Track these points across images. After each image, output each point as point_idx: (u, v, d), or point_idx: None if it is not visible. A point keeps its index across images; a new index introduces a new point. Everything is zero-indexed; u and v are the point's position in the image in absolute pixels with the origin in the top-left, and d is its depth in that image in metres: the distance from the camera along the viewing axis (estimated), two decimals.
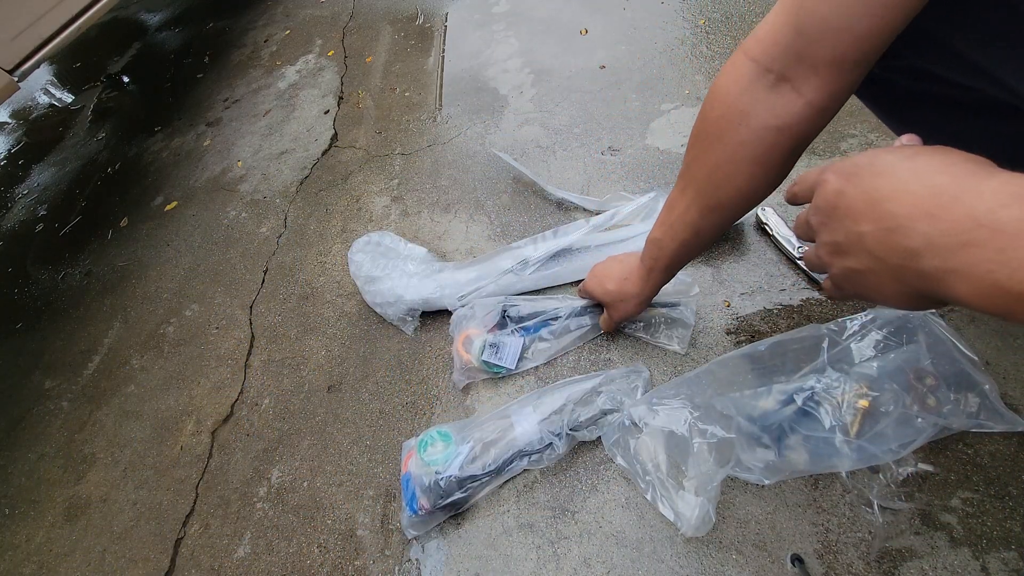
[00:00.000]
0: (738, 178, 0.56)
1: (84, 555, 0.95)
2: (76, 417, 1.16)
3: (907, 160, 0.35)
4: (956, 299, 0.32)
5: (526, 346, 0.90)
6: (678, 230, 0.65)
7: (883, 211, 0.34)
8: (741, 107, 0.52)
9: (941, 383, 0.65)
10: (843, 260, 0.38)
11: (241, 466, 0.96)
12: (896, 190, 0.34)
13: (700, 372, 0.76)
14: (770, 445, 0.68)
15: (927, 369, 0.66)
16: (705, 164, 0.58)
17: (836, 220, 0.38)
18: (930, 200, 0.32)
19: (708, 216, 0.61)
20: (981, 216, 0.30)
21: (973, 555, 0.61)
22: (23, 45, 1.42)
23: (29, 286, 1.55)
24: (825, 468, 0.66)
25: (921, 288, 0.34)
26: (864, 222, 0.35)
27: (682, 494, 0.70)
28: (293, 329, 1.12)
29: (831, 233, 0.39)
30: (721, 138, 0.55)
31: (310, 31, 2.02)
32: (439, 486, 0.76)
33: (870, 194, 0.35)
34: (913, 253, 0.33)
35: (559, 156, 1.21)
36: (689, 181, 0.61)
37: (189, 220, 1.49)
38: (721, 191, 0.58)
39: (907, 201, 0.33)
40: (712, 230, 0.63)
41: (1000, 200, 0.29)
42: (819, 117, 0.50)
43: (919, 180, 0.33)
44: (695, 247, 0.66)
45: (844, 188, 0.37)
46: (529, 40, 1.56)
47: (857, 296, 0.40)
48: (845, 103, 0.50)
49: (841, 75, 0.47)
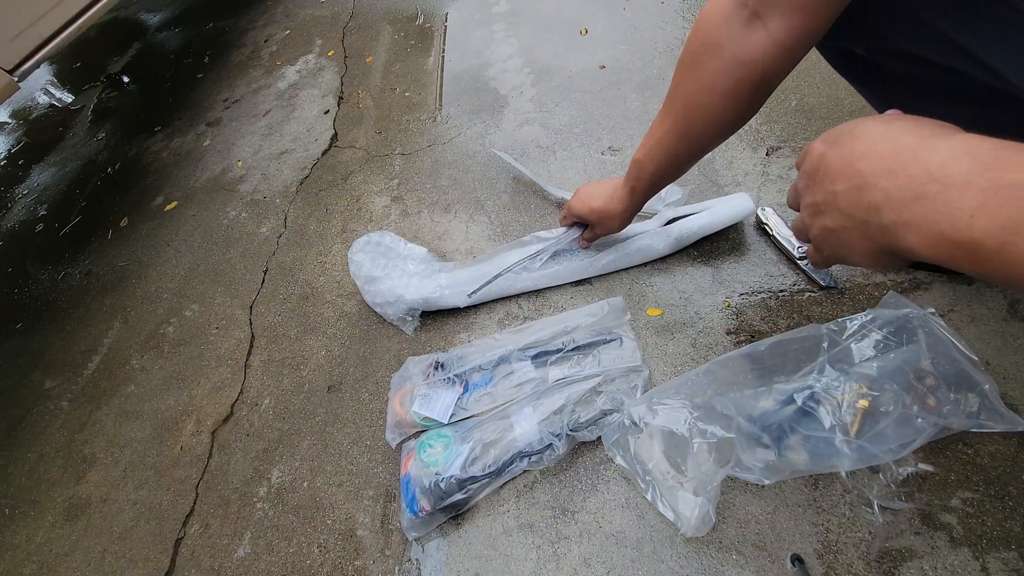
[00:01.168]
0: (710, 108, 0.59)
1: (84, 555, 0.95)
2: (76, 417, 1.16)
3: (883, 124, 0.36)
4: (909, 251, 0.33)
5: (463, 396, 0.87)
6: (657, 153, 0.70)
7: (854, 170, 0.36)
8: (717, 39, 0.55)
9: (941, 383, 0.65)
10: (820, 220, 0.40)
11: (241, 466, 0.96)
12: (868, 150, 0.36)
13: (700, 372, 0.76)
14: (770, 445, 0.68)
15: (927, 369, 0.66)
16: (682, 92, 0.62)
17: (816, 182, 0.40)
18: (893, 158, 0.34)
19: (683, 142, 0.66)
20: (934, 170, 0.31)
21: (973, 555, 0.61)
22: (23, 45, 1.42)
23: (29, 286, 1.55)
24: (825, 468, 0.66)
25: (883, 243, 0.35)
26: (839, 181, 0.37)
27: (682, 494, 0.70)
28: (293, 329, 1.12)
29: (812, 195, 0.41)
30: (697, 67, 0.58)
31: (310, 31, 2.02)
32: (439, 487, 0.76)
33: (846, 156, 0.37)
34: (875, 207, 0.34)
35: (559, 156, 1.21)
36: (669, 108, 0.66)
37: (189, 220, 1.49)
38: (695, 119, 0.62)
39: (874, 160, 0.35)
40: (688, 156, 0.68)
41: (953, 155, 0.31)
42: (784, 56, 0.53)
43: (888, 141, 0.35)
44: (673, 171, 0.72)
45: (826, 152, 0.39)
46: (529, 40, 1.56)
47: (834, 257, 0.42)
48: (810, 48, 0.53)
49: (807, 17, 0.49)
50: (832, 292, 0.84)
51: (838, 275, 0.86)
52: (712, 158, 1.08)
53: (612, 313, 0.90)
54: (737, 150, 1.08)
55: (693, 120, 0.62)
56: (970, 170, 0.30)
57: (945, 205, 0.30)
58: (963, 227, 0.30)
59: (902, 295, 0.74)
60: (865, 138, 0.36)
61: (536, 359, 0.88)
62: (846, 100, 1.09)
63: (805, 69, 1.17)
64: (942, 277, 0.80)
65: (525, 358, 0.88)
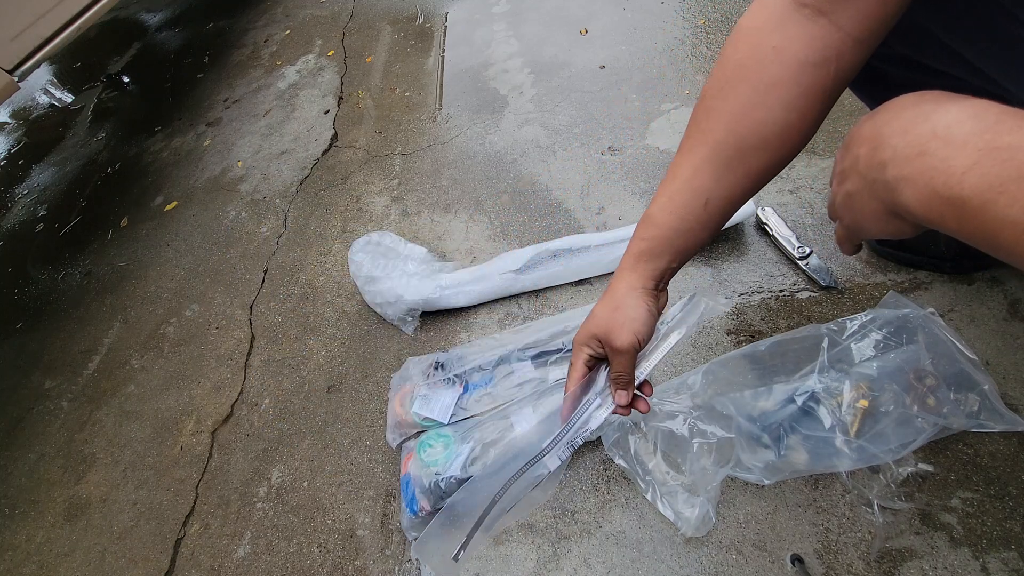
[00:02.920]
0: (771, 126, 0.49)
1: (84, 555, 0.95)
2: (76, 417, 1.16)
3: (917, 95, 0.37)
4: (904, 207, 0.34)
5: (463, 396, 0.86)
6: (682, 200, 0.52)
7: (871, 134, 0.37)
8: (773, 44, 0.47)
9: (941, 383, 0.65)
10: (844, 185, 0.40)
11: (241, 466, 0.96)
12: (893, 116, 0.36)
13: (700, 372, 0.76)
14: (770, 445, 0.68)
15: (927, 369, 0.66)
16: (724, 115, 0.50)
17: (847, 149, 0.40)
18: (910, 120, 0.34)
19: (725, 177, 0.51)
20: (940, 130, 0.32)
21: (973, 555, 0.61)
22: (23, 45, 1.42)
23: (29, 286, 1.55)
24: (825, 468, 0.66)
25: (887, 200, 0.36)
26: (864, 145, 0.38)
27: (682, 494, 0.70)
28: (293, 329, 1.12)
29: (841, 163, 0.41)
30: (748, 81, 0.49)
31: (310, 31, 2.02)
32: (439, 487, 0.76)
33: (876, 123, 0.37)
34: (883, 164, 0.35)
35: (559, 156, 1.21)
36: (699, 140, 0.52)
37: (189, 220, 1.49)
38: (746, 143, 0.49)
39: (895, 123, 0.35)
40: (725, 200, 0.52)
41: (960, 117, 0.32)
42: (859, 50, 0.46)
43: (914, 107, 0.35)
44: (699, 224, 0.53)
45: (863, 123, 0.39)
46: (529, 40, 1.56)
47: (853, 226, 0.42)
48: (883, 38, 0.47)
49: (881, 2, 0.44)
50: (832, 292, 0.84)
51: (838, 275, 0.86)
52: None
53: None
54: None
55: (744, 144, 0.49)
56: (972, 130, 0.30)
57: (942, 162, 0.31)
58: (954, 184, 0.30)
59: (902, 295, 0.74)
60: (896, 107, 0.37)
61: (536, 359, 0.87)
62: (846, 101, 1.09)
63: None
64: (942, 277, 0.80)
65: (525, 358, 0.88)
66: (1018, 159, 0.28)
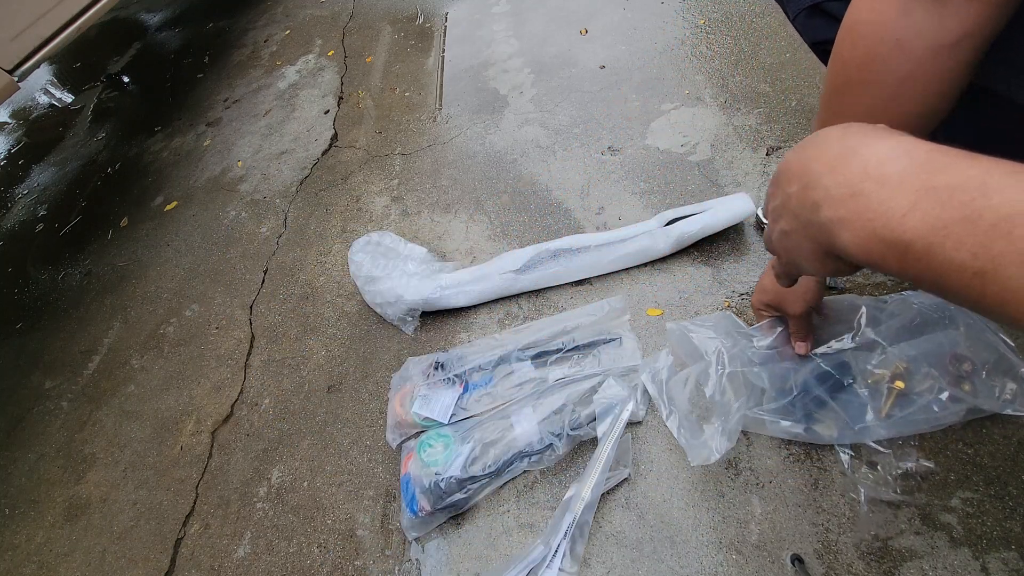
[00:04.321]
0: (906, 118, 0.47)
1: (84, 555, 0.95)
2: (76, 417, 1.16)
3: (840, 128, 0.36)
4: (843, 249, 0.33)
5: (463, 396, 0.87)
6: None
7: (802, 170, 0.36)
8: (898, 36, 0.44)
9: (978, 368, 0.65)
10: (778, 224, 0.39)
11: (241, 466, 0.96)
12: (820, 152, 0.36)
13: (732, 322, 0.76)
14: (798, 413, 0.69)
15: (964, 355, 0.66)
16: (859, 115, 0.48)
17: (778, 186, 0.39)
18: (837, 157, 0.34)
19: None
20: (871, 168, 0.31)
21: (973, 555, 0.61)
22: (23, 45, 1.42)
23: (29, 286, 1.55)
24: (852, 439, 0.67)
25: (823, 242, 0.35)
26: (793, 183, 0.37)
27: (701, 426, 0.71)
28: (293, 329, 1.12)
29: (773, 200, 0.40)
30: (876, 80, 0.47)
31: (310, 31, 2.02)
32: (439, 487, 0.76)
33: (802, 158, 0.37)
34: (816, 205, 0.34)
35: (559, 156, 1.21)
36: None
37: (189, 220, 1.49)
38: None
39: (822, 159, 0.35)
40: None
41: (891, 155, 0.31)
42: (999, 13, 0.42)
43: (840, 142, 0.35)
44: None
45: (790, 157, 0.39)
46: (529, 40, 1.56)
47: (790, 265, 0.41)
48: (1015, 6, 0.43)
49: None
50: (832, 291, 0.84)
51: None
52: (712, 158, 1.08)
53: (612, 313, 0.90)
54: (737, 150, 1.08)
55: None
56: (906, 170, 0.30)
57: (879, 203, 0.30)
58: (895, 226, 0.29)
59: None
60: (821, 141, 0.36)
61: (536, 359, 0.88)
62: None
63: (805, 69, 1.17)
64: None
65: (525, 358, 0.88)
66: (957, 199, 0.27)
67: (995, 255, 0.26)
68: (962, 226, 0.27)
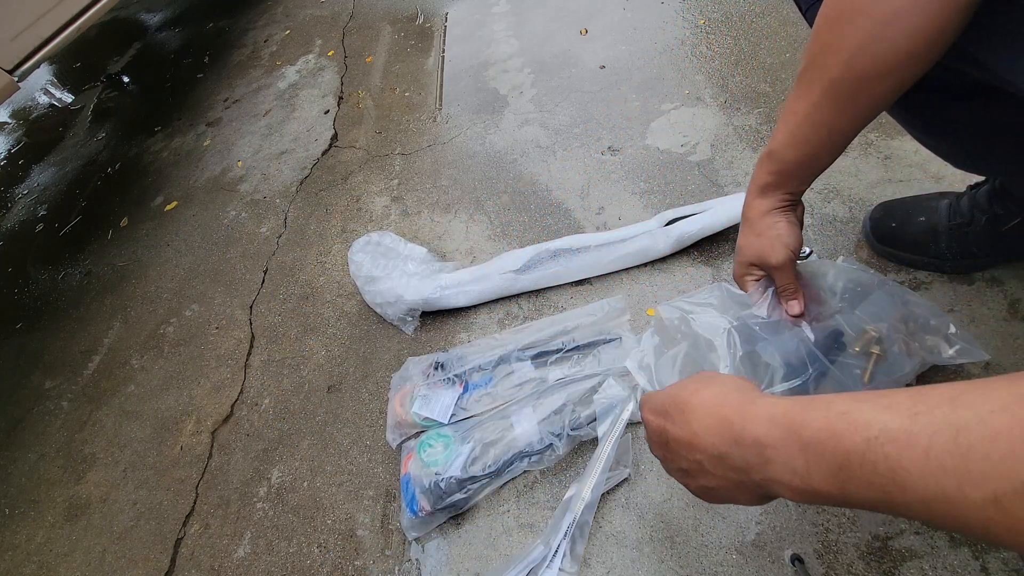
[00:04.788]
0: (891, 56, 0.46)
1: (84, 555, 0.95)
2: (76, 417, 1.16)
3: (696, 397, 0.43)
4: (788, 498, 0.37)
5: (463, 396, 0.87)
6: (804, 135, 0.54)
7: (705, 444, 0.42)
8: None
9: (918, 329, 0.65)
10: (696, 480, 0.45)
11: (241, 466, 0.96)
12: (703, 427, 0.42)
13: None
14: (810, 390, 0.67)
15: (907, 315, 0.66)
16: (842, 50, 0.48)
17: (673, 452, 0.45)
18: (727, 432, 0.40)
19: (847, 109, 0.50)
20: (761, 438, 0.37)
21: (973, 555, 0.61)
22: (23, 45, 1.42)
23: (29, 286, 1.55)
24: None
25: (763, 492, 0.40)
26: (696, 452, 0.42)
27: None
28: (293, 329, 1.12)
29: (676, 462, 0.46)
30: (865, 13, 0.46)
31: (310, 31, 2.02)
32: (439, 487, 0.76)
33: (687, 434, 0.43)
34: (742, 470, 0.39)
35: (559, 156, 1.21)
36: (817, 75, 0.50)
37: (189, 220, 1.49)
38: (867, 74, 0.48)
39: (715, 434, 0.41)
40: (849, 127, 0.52)
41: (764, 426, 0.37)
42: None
43: (712, 415, 0.41)
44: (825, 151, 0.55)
45: (666, 427, 0.45)
46: (529, 40, 1.56)
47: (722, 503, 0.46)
48: None
49: None
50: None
51: None
52: (712, 158, 1.08)
53: (612, 313, 0.90)
54: (737, 150, 1.08)
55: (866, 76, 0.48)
56: (780, 436, 0.35)
57: (784, 467, 0.35)
58: (809, 482, 0.34)
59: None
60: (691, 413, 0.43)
61: (536, 359, 0.88)
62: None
63: None
64: (942, 277, 0.80)
65: (525, 358, 0.88)
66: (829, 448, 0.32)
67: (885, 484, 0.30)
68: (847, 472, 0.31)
